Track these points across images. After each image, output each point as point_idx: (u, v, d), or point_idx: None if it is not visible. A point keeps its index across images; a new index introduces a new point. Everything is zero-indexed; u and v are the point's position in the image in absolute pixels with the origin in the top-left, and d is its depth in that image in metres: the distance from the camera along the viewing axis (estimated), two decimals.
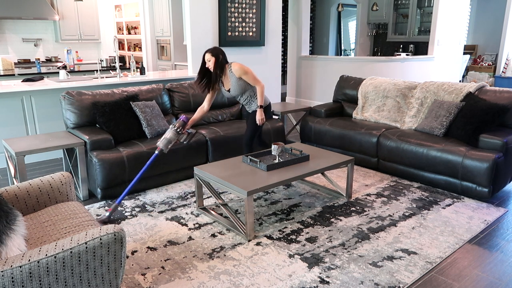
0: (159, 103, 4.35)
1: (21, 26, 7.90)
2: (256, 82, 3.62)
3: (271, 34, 6.43)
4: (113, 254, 1.75)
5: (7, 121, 4.56)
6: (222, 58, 3.55)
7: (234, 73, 3.56)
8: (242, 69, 3.56)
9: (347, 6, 10.50)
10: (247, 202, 2.84)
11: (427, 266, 2.58)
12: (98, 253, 1.71)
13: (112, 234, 1.73)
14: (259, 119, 3.65)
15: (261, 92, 3.63)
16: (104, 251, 1.72)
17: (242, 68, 3.56)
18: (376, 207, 3.47)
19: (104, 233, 1.72)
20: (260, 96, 3.63)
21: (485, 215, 3.31)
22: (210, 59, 3.53)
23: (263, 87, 3.65)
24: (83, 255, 1.67)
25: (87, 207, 3.49)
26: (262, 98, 3.65)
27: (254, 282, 2.42)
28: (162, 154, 3.78)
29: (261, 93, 3.63)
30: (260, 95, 3.63)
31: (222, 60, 3.55)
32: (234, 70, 3.56)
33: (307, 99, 8.36)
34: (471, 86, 4.14)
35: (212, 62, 3.53)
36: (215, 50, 3.56)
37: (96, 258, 1.71)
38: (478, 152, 3.53)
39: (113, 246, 1.74)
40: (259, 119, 3.65)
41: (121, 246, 1.77)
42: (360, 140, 4.41)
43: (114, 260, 1.77)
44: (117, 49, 5.40)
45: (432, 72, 7.72)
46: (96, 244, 1.69)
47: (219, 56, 3.53)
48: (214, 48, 3.58)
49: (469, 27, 9.71)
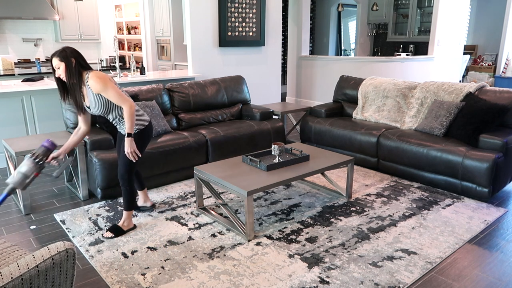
0: (159, 103, 4.35)
1: (21, 26, 7.90)
2: (122, 101, 2.65)
3: (271, 34, 6.43)
4: (65, 274, 1.60)
5: (7, 121, 4.55)
6: (75, 63, 2.61)
7: (92, 88, 2.65)
8: (100, 84, 2.60)
9: (347, 6, 10.50)
10: (247, 202, 2.84)
11: (427, 266, 2.58)
12: (50, 276, 1.53)
13: (64, 252, 1.56)
14: (128, 152, 2.73)
15: (129, 114, 2.66)
16: (56, 272, 1.55)
17: (100, 82, 2.60)
18: (376, 207, 3.47)
19: (55, 251, 1.54)
20: (128, 120, 2.67)
21: (485, 215, 3.31)
22: (58, 66, 2.60)
23: (133, 107, 2.67)
24: (34, 281, 1.46)
25: (87, 207, 3.49)
26: (131, 124, 2.68)
27: (254, 282, 2.42)
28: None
29: (130, 116, 2.66)
30: (128, 118, 2.67)
31: (76, 66, 2.62)
32: (90, 84, 2.63)
33: (307, 99, 8.36)
34: (471, 86, 4.14)
35: (62, 70, 2.59)
36: (64, 52, 2.60)
37: (48, 282, 1.53)
38: (478, 152, 3.53)
39: (65, 264, 1.57)
40: (128, 152, 2.73)
41: (73, 264, 1.62)
42: (360, 140, 4.41)
43: (66, 281, 1.62)
44: (117, 49, 5.40)
45: (432, 72, 7.72)
46: (48, 266, 1.50)
47: (70, 60, 2.60)
48: (64, 49, 2.62)
49: (469, 27, 9.71)
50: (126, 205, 3.03)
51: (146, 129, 2.90)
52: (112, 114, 2.80)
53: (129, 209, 3.05)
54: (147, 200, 3.41)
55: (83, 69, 2.68)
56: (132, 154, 2.76)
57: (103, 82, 2.62)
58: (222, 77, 5.05)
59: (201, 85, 4.78)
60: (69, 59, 2.60)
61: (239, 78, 5.13)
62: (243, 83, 5.12)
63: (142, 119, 2.89)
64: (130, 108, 2.68)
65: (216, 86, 4.88)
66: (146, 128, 2.90)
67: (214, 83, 4.90)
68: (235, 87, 5.02)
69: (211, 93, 4.79)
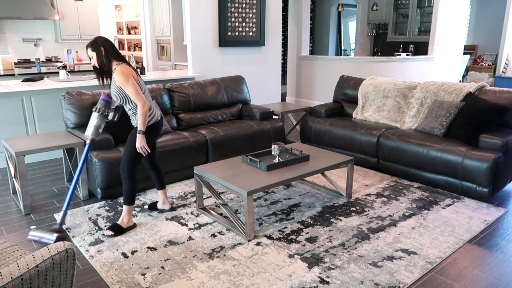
0: (159, 103, 4.35)
1: (21, 26, 7.90)
2: (138, 99, 2.85)
3: (271, 34, 6.43)
4: (65, 274, 1.60)
5: (7, 121, 4.56)
6: (105, 52, 2.86)
7: (115, 80, 2.88)
8: (122, 79, 2.81)
9: (347, 6, 10.50)
10: (247, 202, 2.84)
11: (427, 266, 2.58)
12: (50, 276, 1.53)
13: (64, 252, 1.56)
14: (139, 147, 2.94)
15: (142, 113, 2.86)
16: (56, 272, 1.55)
17: (122, 77, 2.81)
18: (376, 207, 3.47)
19: (55, 251, 1.54)
20: (141, 117, 2.87)
21: (485, 215, 3.31)
22: (92, 56, 2.89)
23: (146, 106, 2.86)
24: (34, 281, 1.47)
25: (87, 207, 3.49)
26: (143, 122, 2.89)
27: (254, 282, 2.42)
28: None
29: (143, 114, 2.86)
30: (141, 116, 2.87)
31: (107, 54, 2.88)
32: (115, 76, 2.87)
33: (307, 99, 8.36)
34: (471, 86, 4.14)
35: (95, 59, 2.89)
36: (95, 42, 2.87)
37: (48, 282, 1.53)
38: (478, 152, 3.53)
39: (65, 264, 1.57)
40: (139, 147, 2.94)
41: (73, 264, 1.61)
42: (360, 140, 4.41)
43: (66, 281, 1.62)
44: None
45: (432, 72, 7.72)
46: (48, 266, 1.50)
47: (100, 50, 2.86)
48: (95, 39, 2.88)
49: (469, 27, 9.71)
50: (126, 199, 3.05)
51: (155, 125, 3.07)
52: (127, 106, 3.01)
53: (129, 203, 3.06)
54: (166, 202, 3.40)
55: (113, 58, 2.91)
56: (142, 150, 2.96)
57: (125, 78, 2.82)
58: (222, 77, 5.05)
59: (201, 85, 4.78)
60: (99, 48, 2.86)
61: (239, 78, 5.13)
62: (243, 83, 5.12)
63: (153, 116, 3.06)
64: (143, 107, 2.86)
65: (216, 86, 4.88)
66: (154, 125, 3.07)
67: (214, 83, 4.91)
68: (235, 87, 5.02)
69: (211, 93, 4.80)
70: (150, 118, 3.02)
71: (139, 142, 2.92)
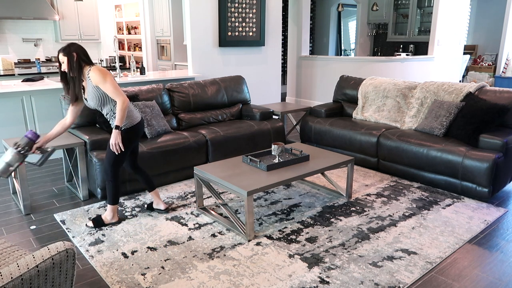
0: (159, 103, 4.35)
1: (21, 26, 7.90)
2: (117, 95, 2.81)
3: (271, 34, 6.43)
4: (65, 274, 1.60)
5: (7, 121, 4.56)
6: (77, 58, 2.80)
7: (91, 80, 2.83)
8: (100, 76, 2.79)
9: (347, 6, 10.50)
10: (247, 202, 2.84)
11: (427, 266, 2.58)
12: (50, 276, 1.53)
13: (64, 252, 1.56)
14: (112, 144, 2.86)
15: (121, 108, 2.82)
16: (56, 272, 1.55)
17: (100, 74, 2.79)
18: (376, 207, 3.47)
19: (55, 251, 1.54)
20: (119, 113, 2.82)
21: (485, 215, 3.31)
22: (63, 60, 2.81)
23: (126, 102, 2.83)
24: (34, 281, 1.46)
25: (87, 207, 3.49)
26: (121, 117, 2.84)
27: (254, 282, 2.42)
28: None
29: (122, 110, 2.82)
30: (119, 112, 2.82)
31: (78, 60, 2.81)
32: (91, 76, 2.82)
33: (307, 99, 8.36)
34: (471, 86, 4.14)
35: (65, 64, 2.81)
36: (68, 48, 2.81)
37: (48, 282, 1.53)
38: (478, 152, 3.53)
39: (65, 264, 1.57)
40: (112, 144, 2.86)
41: (73, 264, 1.61)
42: (360, 140, 4.41)
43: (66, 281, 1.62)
44: (117, 49, 5.40)
45: (432, 72, 7.72)
46: (48, 266, 1.50)
47: (72, 55, 2.79)
48: (68, 45, 2.83)
49: (469, 27, 9.71)
50: (110, 199, 3.11)
51: (135, 127, 3.00)
52: (106, 108, 2.95)
53: (113, 203, 3.13)
54: (160, 203, 3.39)
55: (85, 64, 2.86)
56: (116, 147, 2.87)
57: (103, 75, 2.80)
58: (222, 77, 5.05)
59: (201, 85, 4.78)
60: (71, 54, 2.79)
61: (239, 78, 5.13)
62: (243, 83, 5.12)
63: (132, 117, 3.00)
64: (123, 103, 2.83)
65: (216, 86, 4.88)
66: (134, 127, 3.00)
67: (214, 83, 4.91)
68: (235, 87, 5.02)
69: (211, 93, 4.80)
70: (129, 120, 2.96)
71: (113, 138, 2.85)
